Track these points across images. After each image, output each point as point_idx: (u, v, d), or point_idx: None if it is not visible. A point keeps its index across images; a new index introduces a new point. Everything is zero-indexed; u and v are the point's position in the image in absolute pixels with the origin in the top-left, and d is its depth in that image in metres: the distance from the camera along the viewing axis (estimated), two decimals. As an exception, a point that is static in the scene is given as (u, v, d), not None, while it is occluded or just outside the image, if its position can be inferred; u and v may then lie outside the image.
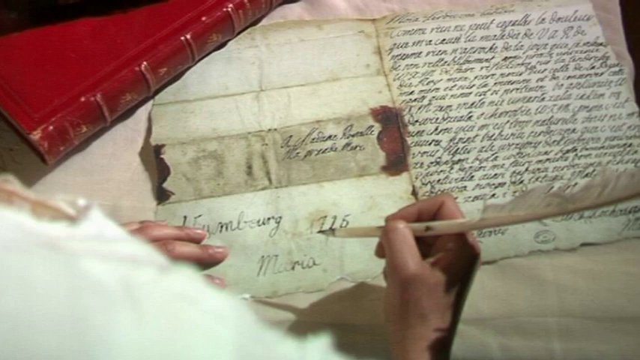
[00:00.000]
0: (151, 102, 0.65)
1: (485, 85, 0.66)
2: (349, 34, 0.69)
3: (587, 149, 0.63)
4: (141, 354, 0.23)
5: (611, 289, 0.57)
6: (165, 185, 0.61)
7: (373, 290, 0.57)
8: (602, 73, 0.66)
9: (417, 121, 0.64)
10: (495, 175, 0.62)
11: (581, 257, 0.59)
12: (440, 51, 0.68)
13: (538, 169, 0.62)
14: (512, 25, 0.69)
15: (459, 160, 0.63)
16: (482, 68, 0.67)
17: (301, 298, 0.57)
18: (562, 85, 0.66)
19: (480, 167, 0.62)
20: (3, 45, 0.61)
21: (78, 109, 0.59)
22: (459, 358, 0.50)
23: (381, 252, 0.51)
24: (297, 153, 0.63)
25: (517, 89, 0.66)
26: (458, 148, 0.63)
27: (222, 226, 0.60)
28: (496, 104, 0.65)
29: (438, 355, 0.45)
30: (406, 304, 0.46)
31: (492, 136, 0.64)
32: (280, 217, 0.60)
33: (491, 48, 0.68)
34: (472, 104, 0.65)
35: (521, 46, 0.68)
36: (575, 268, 0.58)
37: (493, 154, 0.63)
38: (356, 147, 0.63)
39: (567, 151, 0.63)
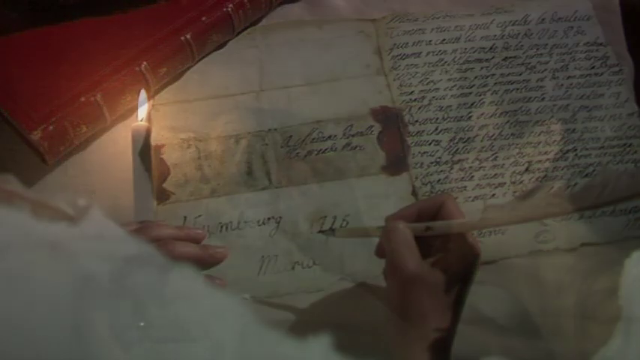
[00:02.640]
0: (151, 102, 0.65)
1: (485, 85, 0.66)
2: (349, 34, 0.69)
3: (587, 149, 0.63)
4: (141, 354, 0.23)
5: (611, 289, 0.57)
6: (165, 185, 0.61)
7: (373, 290, 0.57)
8: (602, 73, 0.66)
9: (417, 121, 0.64)
10: (495, 175, 0.62)
11: (581, 257, 0.59)
12: (440, 51, 0.68)
13: (538, 169, 0.62)
14: (512, 25, 0.69)
15: (459, 160, 0.63)
16: (482, 68, 0.67)
17: (301, 298, 0.57)
18: (562, 85, 0.66)
19: (480, 167, 0.62)
20: (3, 45, 0.61)
21: (78, 109, 0.59)
22: (459, 358, 0.50)
23: (381, 252, 0.51)
24: (297, 153, 0.63)
25: (517, 89, 0.66)
26: (458, 148, 0.63)
27: (222, 226, 0.60)
28: (496, 104, 0.65)
29: (438, 355, 0.45)
30: (406, 304, 0.46)
31: (492, 136, 0.64)
32: (280, 217, 0.60)
33: (491, 48, 0.68)
34: (472, 104, 0.65)
35: (521, 46, 0.68)
36: (576, 268, 0.58)
37: (493, 154, 0.63)
38: (356, 147, 0.63)
39: (567, 151, 0.63)
